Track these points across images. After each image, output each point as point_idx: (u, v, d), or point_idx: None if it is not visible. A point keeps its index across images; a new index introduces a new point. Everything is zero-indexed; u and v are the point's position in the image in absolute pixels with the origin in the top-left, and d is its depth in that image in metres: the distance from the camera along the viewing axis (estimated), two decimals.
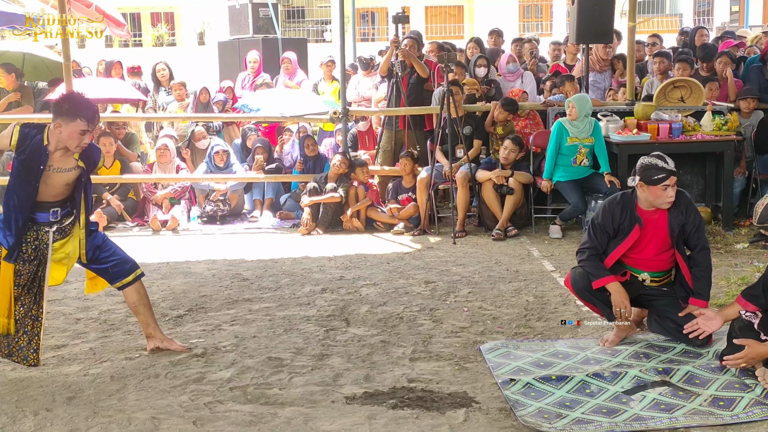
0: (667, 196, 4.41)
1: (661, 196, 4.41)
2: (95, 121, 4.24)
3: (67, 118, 4.14)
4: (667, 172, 4.35)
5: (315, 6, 28.86)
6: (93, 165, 4.42)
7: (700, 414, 3.67)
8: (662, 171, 4.35)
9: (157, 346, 4.62)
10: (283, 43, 12.18)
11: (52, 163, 4.23)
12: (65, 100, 4.24)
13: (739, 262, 6.43)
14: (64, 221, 4.37)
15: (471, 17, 28.54)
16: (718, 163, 7.84)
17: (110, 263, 4.50)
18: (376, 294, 5.81)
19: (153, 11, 27.99)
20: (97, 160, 4.48)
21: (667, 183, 4.37)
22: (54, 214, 4.33)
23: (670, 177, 4.36)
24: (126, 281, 4.54)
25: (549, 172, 7.69)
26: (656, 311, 4.70)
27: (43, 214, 4.31)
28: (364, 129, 9.67)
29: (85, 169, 4.33)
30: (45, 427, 3.68)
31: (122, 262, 4.53)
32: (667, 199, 4.42)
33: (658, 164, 4.37)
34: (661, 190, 4.39)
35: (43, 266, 4.36)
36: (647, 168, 4.39)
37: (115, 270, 4.52)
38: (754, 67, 8.66)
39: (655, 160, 4.39)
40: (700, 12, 27.64)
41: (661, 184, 4.37)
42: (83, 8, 9.34)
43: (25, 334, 4.32)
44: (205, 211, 8.79)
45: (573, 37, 8.69)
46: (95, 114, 4.24)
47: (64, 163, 4.27)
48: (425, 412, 3.75)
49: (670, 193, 4.41)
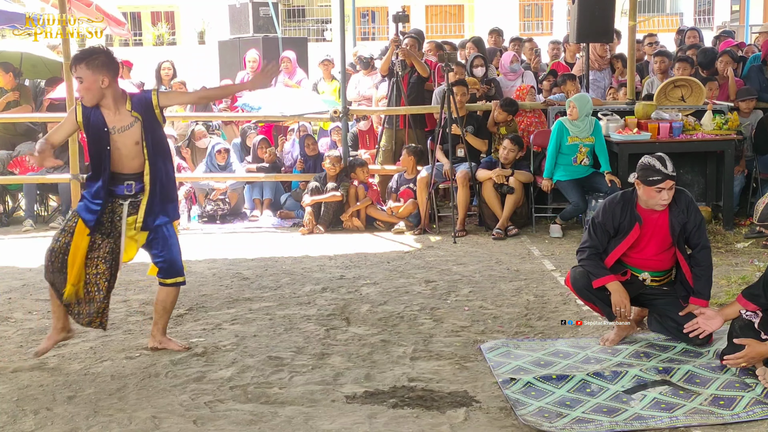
0: (661, 199, 4.40)
1: (654, 198, 4.41)
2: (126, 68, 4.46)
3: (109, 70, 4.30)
4: (663, 176, 4.33)
5: (315, 5, 28.86)
6: (149, 108, 4.42)
7: (701, 413, 3.67)
8: (658, 173, 4.34)
9: (155, 346, 4.65)
10: (283, 43, 12.17)
11: (114, 125, 4.35)
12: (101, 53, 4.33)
13: (740, 262, 6.43)
14: (139, 196, 4.45)
15: (471, 16, 28.55)
16: (719, 162, 7.84)
17: (159, 258, 4.58)
18: (377, 293, 5.81)
19: (153, 10, 28.00)
20: (149, 97, 4.46)
21: (661, 186, 4.35)
22: (128, 188, 4.44)
23: (665, 180, 4.34)
24: (164, 281, 4.62)
25: (549, 172, 7.69)
26: (657, 310, 4.70)
27: (119, 187, 4.42)
28: (365, 128, 9.67)
29: (142, 119, 4.39)
30: (45, 426, 3.67)
31: (170, 265, 4.59)
32: (660, 202, 4.41)
33: (655, 166, 4.36)
34: (655, 191, 4.38)
35: (119, 241, 4.46)
36: (645, 168, 4.39)
37: (159, 266, 4.60)
38: (755, 67, 8.66)
39: (655, 162, 4.38)
40: (700, 11, 27.62)
41: (656, 186, 4.36)
42: (84, 7, 9.33)
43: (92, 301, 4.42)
44: (205, 211, 8.79)
45: (573, 36, 8.69)
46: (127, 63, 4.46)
47: (120, 121, 4.37)
48: (425, 411, 3.75)
49: (664, 196, 4.39)
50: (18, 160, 8.80)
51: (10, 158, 8.84)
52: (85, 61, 4.26)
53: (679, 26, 13.53)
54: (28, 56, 9.97)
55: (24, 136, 9.19)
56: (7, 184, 8.85)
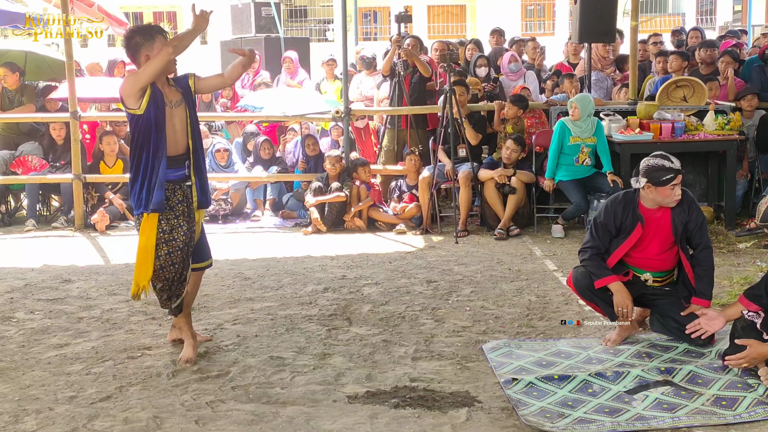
0: (675, 195, 4.43)
1: (669, 196, 4.42)
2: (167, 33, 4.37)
3: (148, 45, 4.26)
4: (675, 172, 4.36)
5: (317, 5, 28.86)
6: (187, 89, 4.43)
7: (703, 414, 3.66)
8: (670, 171, 4.35)
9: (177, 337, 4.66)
10: (285, 43, 12.17)
11: (170, 98, 4.32)
12: (134, 34, 4.33)
13: (742, 262, 6.43)
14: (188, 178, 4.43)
15: (473, 16, 28.53)
16: (721, 162, 7.84)
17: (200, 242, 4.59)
18: (378, 293, 5.80)
19: (155, 10, 28.02)
20: (187, 80, 4.48)
21: (675, 182, 4.38)
22: (188, 167, 4.40)
23: (677, 176, 4.37)
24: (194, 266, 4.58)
25: (551, 172, 7.69)
26: (659, 311, 4.70)
27: (179, 171, 4.37)
28: (362, 126, 9.66)
29: (186, 97, 4.39)
30: (47, 426, 3.68)
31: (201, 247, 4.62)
32: (675, 198, 4.44)
33: (665, 165, 4.36)
34: (669, 189, 4.39)
35: (194, 224, 4.45)
36: (654, 170, 4.38)
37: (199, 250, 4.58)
38: (756, 67, 8.65)
39: (661, 161, 4.38)
40: (702, 11, 27.58)
41: (670, 184, 4.37)
42: (85, 8, 9.33)
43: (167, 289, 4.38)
44: (207, 211, 8.77)
45: (576, 36, 8.69)
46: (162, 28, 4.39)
47: (173, 95, 4.36)
48: (427, 411, 3.75)
49: (677, 191, 4.43)
50: (21, 159, 8.80)
51: (13, 158, 8.84)
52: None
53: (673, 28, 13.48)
54: (33, 56, 9.99)
55: (27, 136, 9.20)
56: (10, 184, 8.86)
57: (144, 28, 4.40)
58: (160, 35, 4.30)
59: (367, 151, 9.50)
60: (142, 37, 4.29)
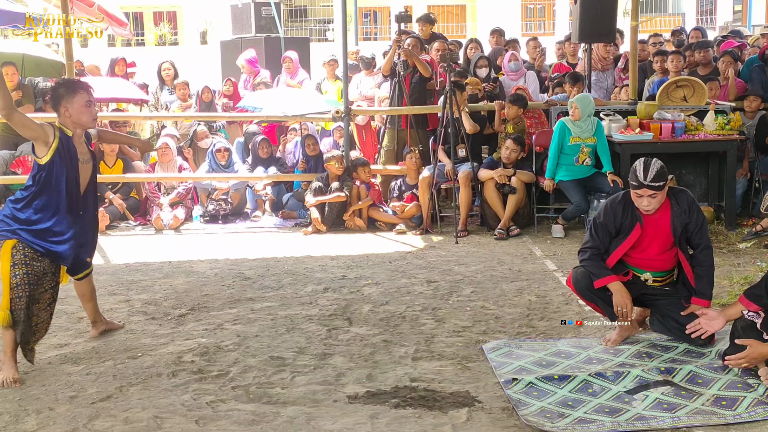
0: (641, 204, 4.41)
1: (636, 201, 4.44)
2: (92, 90, 4.44)
3: (68, 98, 4.34)
4: (638, 183, 4.35)
5: (317, 5, 28.88)
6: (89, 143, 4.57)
7: (703, 413, 3.66)
8: (635, 179, 4.36)
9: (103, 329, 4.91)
10: (285, 43, 12.17)
11: (81, 155, 4.41)
12: (58, 86, 4.44)
13: (742, 262, 6.43)
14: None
15: (473, 16, 28.55)
16: (721, 162, 7.83)
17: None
18: (379, 293, 5.81)
19: (156, 10, 28.04)
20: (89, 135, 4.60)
21: (638, 192, 4.37)
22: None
23: (641, 188, 4.34)
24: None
25: (551, 172, 7.69)
26: (659, 311, 4.70)
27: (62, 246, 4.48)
28: (362, 123, 9.66)
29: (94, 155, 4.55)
30: (47, 426, 3.68)
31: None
32: (643, 206, 4.41)
33: (636, 171, 4.36)
34: (636, 196, 4.40)
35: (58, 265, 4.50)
36: (631, 170, 4.42)
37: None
38: (756, 67, 8.66)
39: (639, 168, 4.36)
40: (702, 11, 27.61)
41: (634, 191, 4.39)
42: (86, 8, 9.33)
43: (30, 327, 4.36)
44: (208, 210, 8.79)
45: (576, 36, 8.69)
46: (89, 85, 4.48)
47: (84, 152, 4.45)
48: (428, 411, 3.75)
49: (643, 202, 4.39)
50: (20, 159, 8.80)
51: (13, 158, 8.85)
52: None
53: (673, 28, 13.50)
54: (30, 56, 9.99)
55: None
56: (10, 184, 8.85)
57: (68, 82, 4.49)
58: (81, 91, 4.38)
59: (367, 151, 9.49)
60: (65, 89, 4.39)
